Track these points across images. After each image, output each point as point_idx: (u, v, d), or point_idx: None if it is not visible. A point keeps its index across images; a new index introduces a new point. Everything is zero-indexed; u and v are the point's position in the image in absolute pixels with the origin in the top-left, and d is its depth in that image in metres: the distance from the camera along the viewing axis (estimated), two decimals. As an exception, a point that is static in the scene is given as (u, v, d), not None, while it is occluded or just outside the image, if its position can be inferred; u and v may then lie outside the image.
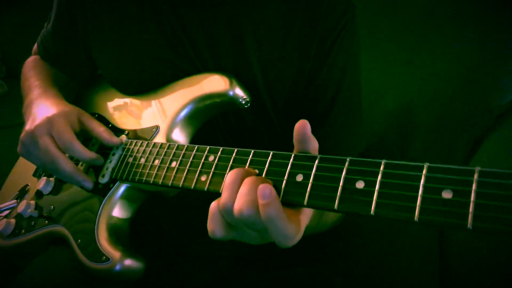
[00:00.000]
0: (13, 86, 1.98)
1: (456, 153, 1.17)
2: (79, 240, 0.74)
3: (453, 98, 1.16)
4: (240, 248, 0.91)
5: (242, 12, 0.76)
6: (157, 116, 0.79)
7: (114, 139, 0.78)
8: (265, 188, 0.47)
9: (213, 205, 0.53)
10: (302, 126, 0.51)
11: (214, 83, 0.75)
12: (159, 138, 0.75)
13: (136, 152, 0.74)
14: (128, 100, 0.87)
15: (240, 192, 0.50)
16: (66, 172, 0.74)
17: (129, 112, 0.85)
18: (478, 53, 1.14)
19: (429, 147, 1.21)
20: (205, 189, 0.59)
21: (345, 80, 0.78)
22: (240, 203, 0.49)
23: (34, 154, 0.76)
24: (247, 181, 0.51)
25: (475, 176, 0.39)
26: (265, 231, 0.49)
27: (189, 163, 0.63)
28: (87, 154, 0.75)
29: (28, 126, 0.77)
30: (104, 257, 0.68)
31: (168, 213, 0.92)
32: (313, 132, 0.78)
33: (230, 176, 0.53)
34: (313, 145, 0.53)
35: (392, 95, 1.25)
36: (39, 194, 0.86)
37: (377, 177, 0.45)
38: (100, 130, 0.78)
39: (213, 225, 0.53)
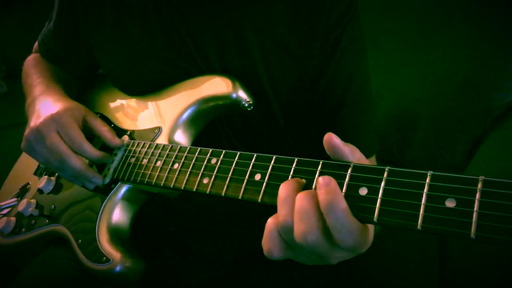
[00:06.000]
0: (13, 86, 1.99)
1: (456, 153, 1.17)
2: (80, 240, 0.74)
3: (453, 98, 1.16)
4: (240, 249, 0.92)
5: (245, 11, 0.76)
6: (159, 117, 0.79)
7: (116, 140, 0.78)
8: (325, 178, 0.45)
9: (271, 222, 0.48)
10: (328, 139, 0.48)
11: (217, 85, 0.75)
12: (161, 139, 0.75)
13: (138, 153, 0.74)
14: (130, 100, 0.87)
15: (300, 214, 0.45)
16: (75, 170, 0.73)
17: (132, 113, 0.85)
18: (478, 53, 1.14)
19: (429, 147, 1.21)
20: (207, 192, 0.59)
21: (355, 75, 0.77)
22: (302, 228, 0.45)
23: (39, 151, 0.75)
24: (305, 200, 0.46)
25: (479, 185, 0.39)
26: (327, 257, 0.46)
27: (191, 165, 0.63)
28: (96, 152, 0.75)
29: (33, 123, 0.76)
30: (104, 258, 0.68)
31: (169, 214, 0.92)
32: (322, 131, 0.77)
33: (284, 190, 0.48)
34: (353, 153, 0.49)
35: (392, 95, 1.25)
36: (40, 193, 0.86)
37: (380, 184, 0.45)
38: (103, 129, 0.78)
39: (271, 245, 0.48)
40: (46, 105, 0.80)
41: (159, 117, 0.79)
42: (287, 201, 0.47)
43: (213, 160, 0.61)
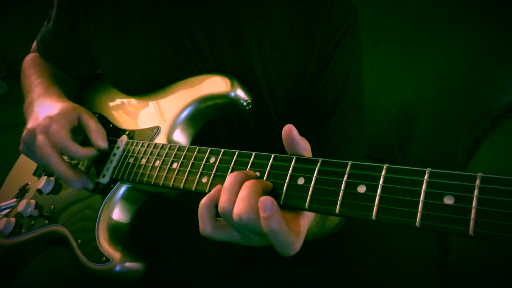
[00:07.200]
0: (13, 86, 1.99)
1: (456, 153, 1.18)
2: (79, 240, 0.74)
3: (453, 98, 1.17)
4: (241, 249, 0.91)
5: (244, 13, 0.76)
6: (158, 116, 0.79)
7: (99, 142, 0.77)
8: (266, 201, 0.47)
9: (201, 203, 0.53)
10: (288, 130, 0.52)
11: (216, 84, 0.75)
12: (160, 139, 0.75)
13: (137, 153, 0.73)
14: (129, 100, 0.87)
15: (240, 196, 0.50)
16: (56, 171, 0.74)
17: (130, 112, 0.85)
18: (478, 53, 1.14)
19: (429, 147, 1.21)
20: (206, 191, 0.59)
21: (348, 83, 0.78)
22: (239, 208, 0.49)
23: (34, 153, 0.76)
24: (247, 185, 0.51)
25: (477, 182, 0.39)
26: (266, 236, 0.49)
27: (190, 164, 0.63)
28: (79, 151, 0.75)
29: (30, 125, 0.77)
30: (104, 258, 0.68)
31: (169, 213, 0.92)
32: (315, 133, 0.78)
33: (229, 179, 0.53)
34: (304, 147, 0.53)
35: (392, 95, 1.25)
36: (39, 193, 0.86)
37: (378, 182, 0.45)
38: (91, 129, 0.78)
39: (202, 225, 0.53)
40: (43, 107, 0.80)
41: (157, 117, 0.79)
42: (230, 189, 0.52)
43: (212, 159, 0.61)
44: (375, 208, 0.44)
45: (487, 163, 1.09)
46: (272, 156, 0.55)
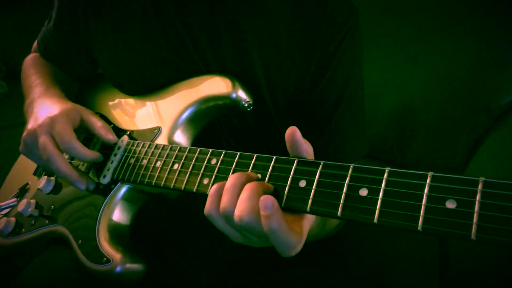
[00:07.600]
0: (13, 86, 1.98)
1: (456, 153, 1.18)
2: (80, 241, 0.74)
3: (453, 98, 1.17)
4: (241, 249, 0.92)
5: (245, 13, 0.76)
6: (159, 117, 0.79)
7: (110, 136, 0.78)
8: (267, 200, 0.46)
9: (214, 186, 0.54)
10: (292, 133, 0.52)
11: (217, 85, 0.75)
12: (161, 140, 0.75)
13: (138, 153, 0.73)
14: (130, 100, 0.87)
15: (241, 198, 0.50)
16: (60, 171, 0.73)
17: (131, 113, 0.85)
18: (478, 53, 1.14)
19: (429, 147, 1.21)
20: (208, 192, 0.58)
21: (349, 85, 0.78)
22: (240, 209, 0.49)
23: (34, 153, 0.76)
24: (248, 187, 0.51)
25: (480, 186, 0.39)
26: (267, 237, 0.48)
27: (191, 165, 0.63)
28: (86, 153, 0.75)
29: (31, 125, 0.77)
30: (104, 259, 0.68)
31: (169, 214, 0.92)
32: (316, 135, 0.78)
33: (231, 180, 0.53)
34: (307, 149, 0.53)
35: (392, 95, 1.25)
36: (39, 193, 0.86)
37: (380, 185, 0.45)
38: (98, 125, 0.78)
39: (209, 203, 0.54)
40: (44, 107, 0.80)
41: (158, 117, 0.79)
42: (231, 190, 0.52)
43: (213, 161, 0.61)
44: (377, 211, 0.44)
45: (487, 163, 1.09)
46: (274, 158, 0.55)
